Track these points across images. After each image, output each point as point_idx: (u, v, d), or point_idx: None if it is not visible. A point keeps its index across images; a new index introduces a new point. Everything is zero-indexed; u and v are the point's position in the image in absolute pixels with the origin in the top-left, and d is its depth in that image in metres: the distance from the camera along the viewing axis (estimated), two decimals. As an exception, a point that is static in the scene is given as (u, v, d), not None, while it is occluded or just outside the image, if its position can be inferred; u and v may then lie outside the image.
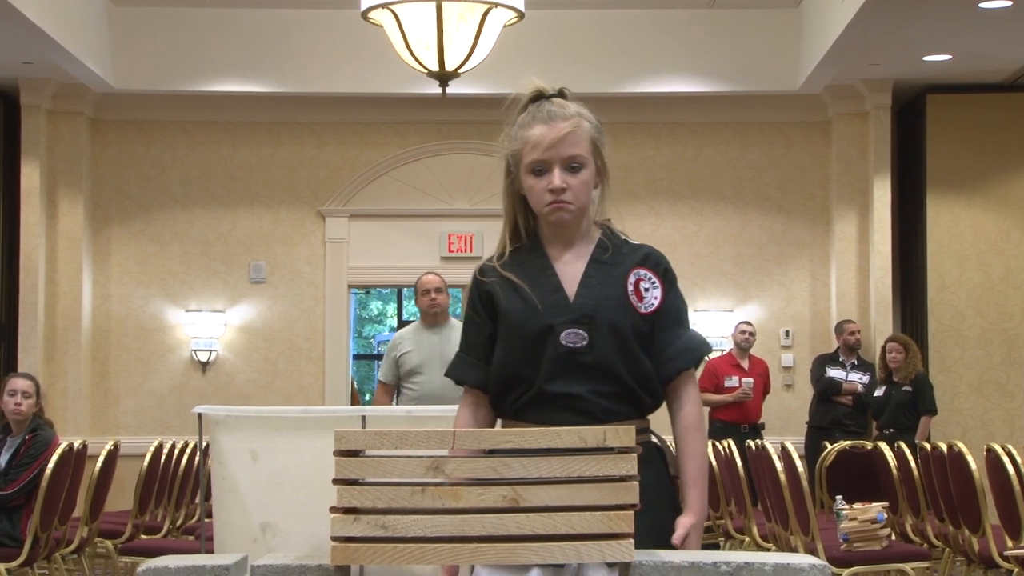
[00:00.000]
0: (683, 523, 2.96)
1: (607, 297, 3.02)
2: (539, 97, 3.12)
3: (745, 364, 11.37)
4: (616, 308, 3.01)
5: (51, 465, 7.14)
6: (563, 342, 2.98)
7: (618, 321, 3.00)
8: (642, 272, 3.07)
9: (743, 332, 11.44)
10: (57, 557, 7.75)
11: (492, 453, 2.77)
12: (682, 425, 3.07)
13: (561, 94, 3.14)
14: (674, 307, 3.10)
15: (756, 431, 10.96)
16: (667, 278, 3.09)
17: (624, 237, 3.15)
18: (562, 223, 3.04)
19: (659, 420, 3.15)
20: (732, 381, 11.18)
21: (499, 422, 3.12)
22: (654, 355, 3.06)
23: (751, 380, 11.14)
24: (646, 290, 3.05)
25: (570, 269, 3.05)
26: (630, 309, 3.02)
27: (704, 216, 12.43)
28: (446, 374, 3.24)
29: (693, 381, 3.11)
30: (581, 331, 2.98)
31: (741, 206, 12.43)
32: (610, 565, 2.74)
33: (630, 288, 3.04)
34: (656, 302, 3.06)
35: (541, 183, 3.01)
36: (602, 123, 3.12)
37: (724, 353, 11.77)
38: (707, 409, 11.35)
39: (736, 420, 11.10)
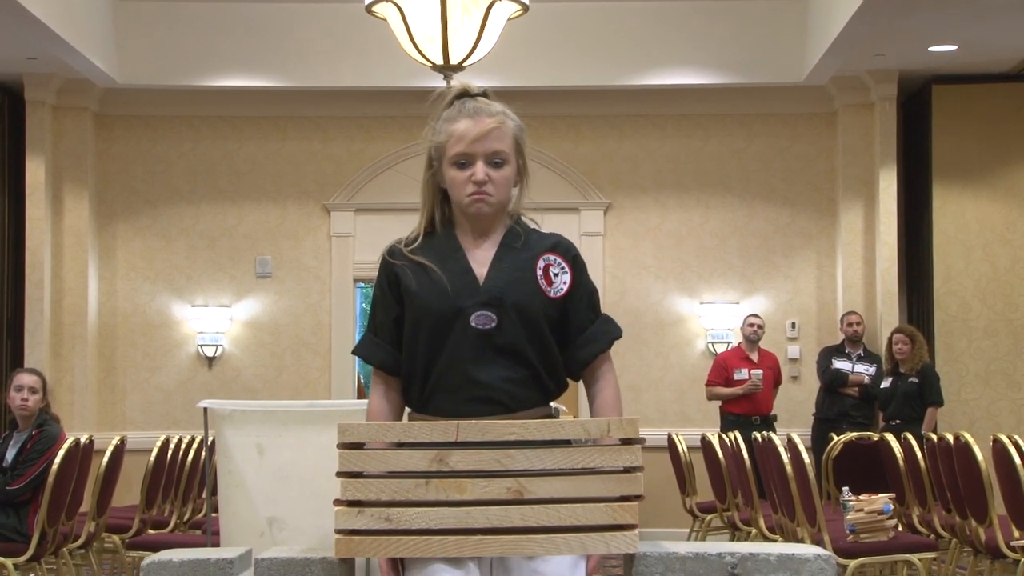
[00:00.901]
0: None
1: (516, 280, 3.05)
2: (464, 95, 3.16)
3: (755, 356, 11.34)
4: (525, 291, 3.05)
5: (58, 460, 7.15)
6: (473, 324, 3.01)
7: (527, 304, 3.04)
8: (551, 258, 3.11)
9: (751, 325, 11.41)
10: (64, 552, 7.76)
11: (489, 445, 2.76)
12: (601, 406, 3.10)
13: (485, 94, 3.17)
14: (586, 292, 3.15)
15: (768, 423, 10.94)
16: (576, 264, 3.14)
17: (534, 226, 3.20)
18: (481, 215, 3.08)
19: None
20: (741, 374, 11.15)
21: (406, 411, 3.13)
22: (569, 340, 3.11)
23: (760, 372, 11.11)
24: (555, 275, 3.09)
25: (480, 254, 3.10)
26: (539, 293, 3.06)
27: (710, 208, 12.42)
28: (353, 352, 3.28)
29: (610, 363, 3.16)
30: (490, 313, 3.02)
31: (747, 198, 12.41)
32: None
33: (539, 272, 3.08)
34: (565, 287, 3.10)
35: (463, 175, 3.07)
36: (524, 124, 3.14)
37: (733, 347, 11.75)
38: (718, 403, 11.35)
39: (747, 412, 11.09)
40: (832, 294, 12.29)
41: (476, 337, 3.00)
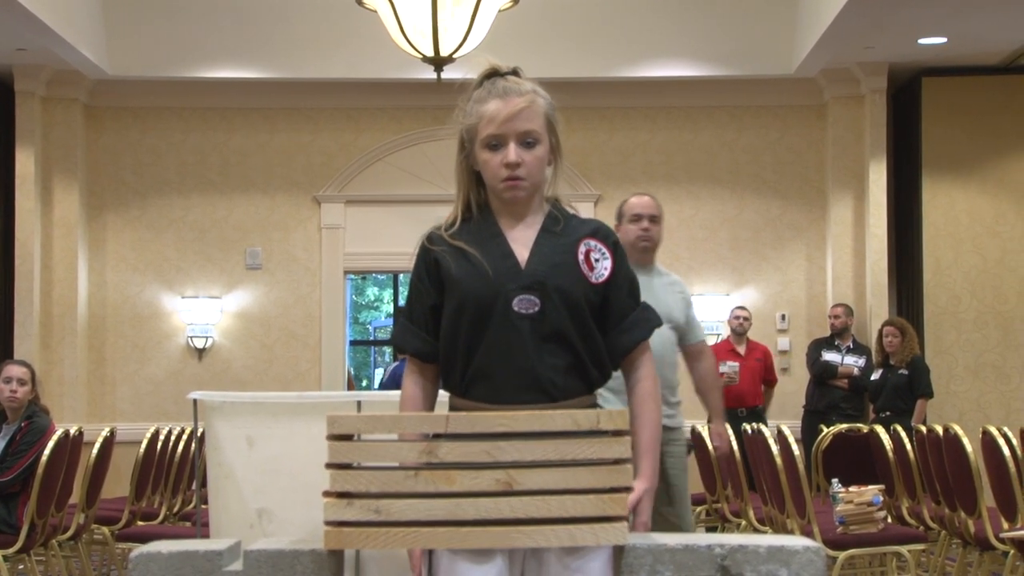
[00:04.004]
0: (635, 488, 2.95)
1: (558, 264, 3.02)
2: (494, 75, 3.13)
3: (741, 349, 11.33)
4: (567, 275, 3.02)
5: (47, 452, 7.14)
6: (515, 308, 2.98)
7: (569, 288, 3.01)
8: (592, 243, 3.08)
9: (737, 317, 11.44)
10: (54, 544, 7.76)
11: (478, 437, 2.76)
12: (638, 394, 3.08)
13: (515, 72, 3.14)
14: (626, 279, 3.13)
15: (756, 415, 10.92)
16: (617, 250, 3.12)
17: (572, 211, 3.17)
18: (516, 200, 3.06)
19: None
20: (724, 367, 11.10)
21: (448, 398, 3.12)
22: (610, 327, 3.08)
23: (735, 364, 11.08)
24: (596, 260, 3.07)
25: (521, 237, 3.07)
26: (581, 278, 3.03)
27: (700, 200, 12.43)
28: (389, 341, 3.26)
29: (649, 352, 3.14)
30: (533, 297, 2.98)
31: (737, 190, 12.43)
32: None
33: (580, 257, 3.05)
34: (606, 273, 3.07)
35: (496, 157, 3.02)
36: (556, 104, 3.11)
37: (723, 339, 11.74)
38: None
39: (732, 405, 11.06)
40: (822, 286, 12.31)
41: (519, 322, 2.97)
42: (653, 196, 6.08)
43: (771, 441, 7.35)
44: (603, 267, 3.07)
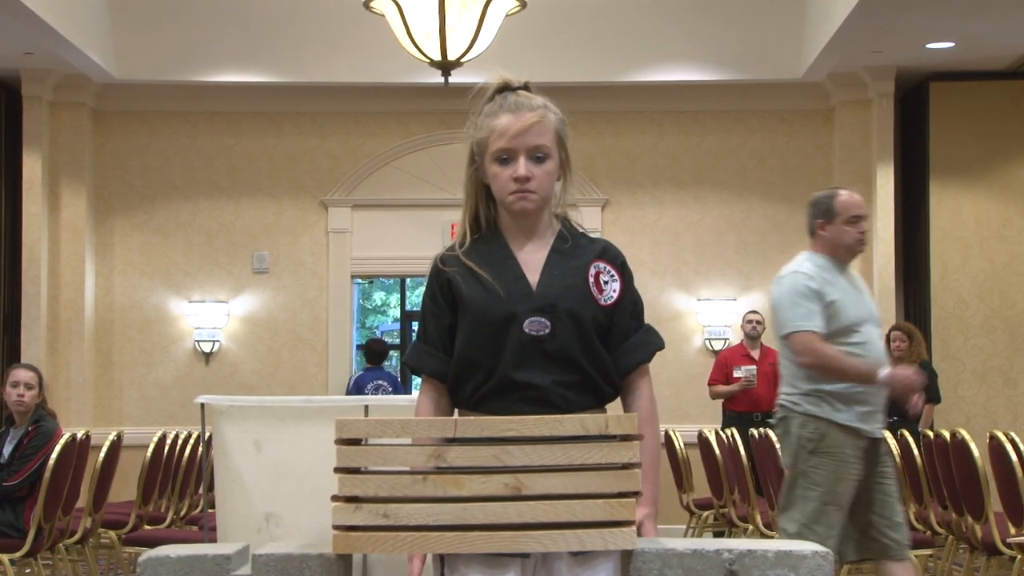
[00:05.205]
0: (635, 515, 2.93)
1: (568, 287, 3.04)
2: (505, 89, 3.13)
3: (755, 354, 11.26)
4: (577, 298, 3.03)
5: (54, 456, 7.14)
6: (526, 330, 2.99)
7: (579, 311, 3.02)
8: (601, 265, 3.10)
9: (750, 321, 11.36)
10: (61, 548, 7.76)
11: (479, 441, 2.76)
12: (637, 418, 3.07)
13: (526, 87, 3.14)
14: (631, 301, 3.14)
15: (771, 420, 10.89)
16: (624, 272, 3.13)
17: (582, 230, 3.18)
18: (525, 212, 3.06)
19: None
20: (741, 371, 11.07)
21: (456, 413, 3.12)
22: (611, 348, 3.09)
23: (753, 368, 11.06)
24: (605, 283, 3.08)
25: (531, 258, 3.08)
26: (590, 300, 3.05)
27: (707, 204, 12.42)
28: (403, 362, 3.27)
29: (648, 375, 3.16)
30: (543, 319, 3.00)
31: (744, 194, 12.42)
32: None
33: (591, 280, 3.07)
34: (615, 295, 3.09)
35: (506, 171, 3.03)
36: (566, 118, 3.12)
37: (735, 344, 11.70)
38: (720, 401, 11.28)
39: (747, 409, 11.00)
40: (829, 291, 12.28)
41: (529, 343, 2.99)
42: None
43: (778, 446, 7.32)
44: (612, 289, 3.09)
